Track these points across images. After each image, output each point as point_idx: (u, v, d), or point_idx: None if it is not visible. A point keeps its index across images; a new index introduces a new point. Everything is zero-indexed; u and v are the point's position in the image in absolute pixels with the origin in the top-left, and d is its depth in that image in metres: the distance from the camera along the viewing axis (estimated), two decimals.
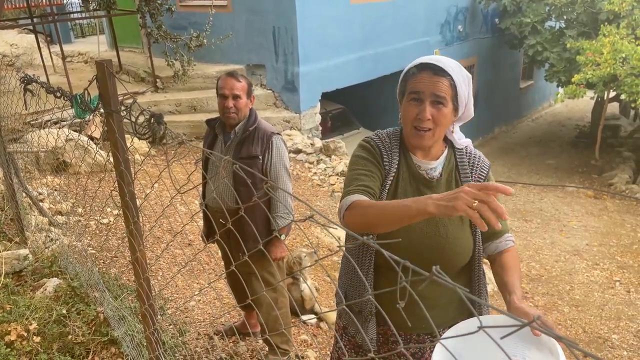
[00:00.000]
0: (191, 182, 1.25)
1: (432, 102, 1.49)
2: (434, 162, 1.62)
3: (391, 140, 1.68)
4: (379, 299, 1.58)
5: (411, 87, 1.53)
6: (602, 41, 9.18)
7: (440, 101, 1.49)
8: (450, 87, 1.49)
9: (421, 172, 1.63)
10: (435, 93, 1.48)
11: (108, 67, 1.45)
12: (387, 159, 1.64)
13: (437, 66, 1.49)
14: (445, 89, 1.48)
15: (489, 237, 1.61)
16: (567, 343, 0.45)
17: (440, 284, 0.60)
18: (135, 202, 1.63)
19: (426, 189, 1.61)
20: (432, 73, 1.49)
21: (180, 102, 8.22)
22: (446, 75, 1.48)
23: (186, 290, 3.89)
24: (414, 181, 1.63)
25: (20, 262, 3.38)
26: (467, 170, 1.62)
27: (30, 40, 10.15)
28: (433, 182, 1.61)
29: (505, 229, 1.62)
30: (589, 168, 11.14)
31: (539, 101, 16.46)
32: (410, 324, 1.09)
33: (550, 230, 7.61)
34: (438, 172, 1.63)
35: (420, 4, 10.32)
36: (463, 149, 1.65)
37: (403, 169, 1.64)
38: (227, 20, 8.66)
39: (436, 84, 1.48)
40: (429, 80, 1.49)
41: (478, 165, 1.64)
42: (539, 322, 0.47)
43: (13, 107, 3.74)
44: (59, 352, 2.55)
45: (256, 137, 2.61)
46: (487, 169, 1.65)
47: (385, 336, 1.74)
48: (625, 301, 5.44)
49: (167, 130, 1.29)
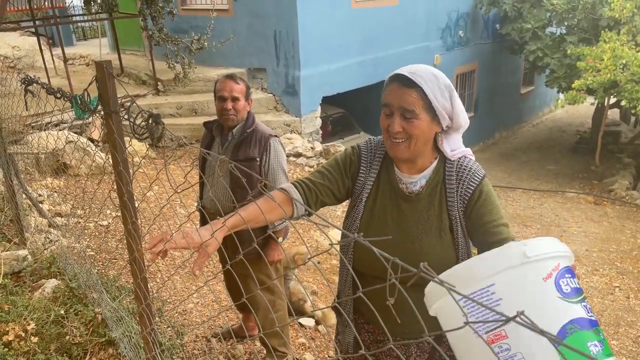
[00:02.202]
0: (188, 181, 1.26)
1: (402, 114, 1.46)
2: (416, 176, 1.58)
3: (377, 151, 1.66)
4: (362, 302, 1.62)
5: (383, 98, 1.51)
6: (603, 47, 9.21)
7: (409, 114, 1.45)
8: (419, 98, 1.44)
9: (401, 185, 1.60)
10: (403, 106, 1.45)
11: (107, 68, 1.47)
12: (364, 172, 1.64)
13: (406, 77, 1.45)
14: (413, 100, 1.44)
15: (493, 243, 1.48)
16: (550, 340, 0.45)
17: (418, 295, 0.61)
18: (133, 202, 1.64)
19: (405, 204, 1.59)
20: (401, 85, 1.46)
21: (181, 105, 8.25)
22: (415, 87, 1.44)
23: (184, 292, 3.90)
24: (393, 195, 1.60)
25: (19, 262, 3.39)
26: (453, 185, 1.55)
27: (32, 42, 10.19)
28: (412, 197, 1.58)
29: (505, 238, 1.50)
30: (589, 174, 11.14)
31: (540, 107, 16.48)
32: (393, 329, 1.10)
33: (550, 236, 7.61)
34: (419, 186, 1.58)
35: (421, 9, 10.36)
36: (455, 161, 1.58)
37: (383, 182, 1.62)
38: (229, 23, 8.70)
39: (403, 97, 1.45)
40: (397, 93, 1.46)
41: (466, 179, 1.55)
42: (522, 317, 0.48)
43: (14, 109, 3.76)
44: (56, 352, 2.55)
45: (254, 140, 2.61)
46: (477, 182, 1.54)
47: (374, 335, 1.75)
48: (624, 307, 5.43)
49: (164, 130, 1.30)
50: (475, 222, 1.53)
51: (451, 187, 1.55)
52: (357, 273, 1.69)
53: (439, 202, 1.56)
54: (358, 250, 1.62)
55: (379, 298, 1.15)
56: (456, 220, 1.54)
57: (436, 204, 1.56)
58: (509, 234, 1.51)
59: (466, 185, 1.54)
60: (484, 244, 1.53)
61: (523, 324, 0.47)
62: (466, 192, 1.54)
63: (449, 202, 1.55)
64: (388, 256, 0.66)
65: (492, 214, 1.52)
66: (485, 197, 1.53)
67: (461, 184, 1.55)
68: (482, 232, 1.52)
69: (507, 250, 1.08)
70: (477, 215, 1.52)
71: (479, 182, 1.54)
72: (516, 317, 0.48)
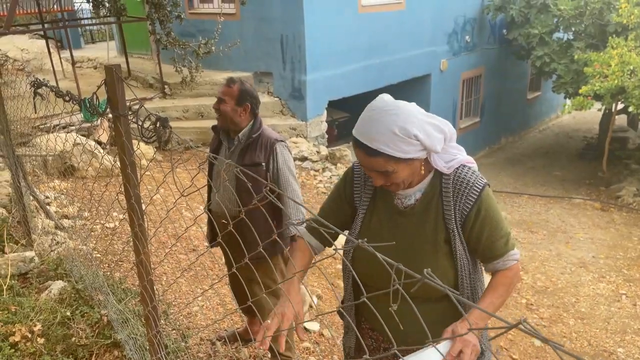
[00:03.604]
0: (195, 185, 1.27)
1: (379, 173, 1.48)
2: (411, 190, 1.58)
3: None
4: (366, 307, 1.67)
5: (355, 155, 1.53)
6: (610, 53, 9.17)
7: (386, 173, 1.47)
8: (387, 160, 1.43)
9: (396, 201, 1.60)
10: (376, 169, 1.47)
11: (117, 71, 1.48)
12: (358, 194, 1.67)
13: (367, 147, 1.43)
14: (382, 164, 1.45)
15: (491, 258, 1.56)
16: (552, 346, 0.46)
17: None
18: (140, 205, 1.66)
19: (400, 218, 1.59)
20: (365, 153, 1.45)
21: (187, 108, 8.29)
22: (378, 155, 1.43)
23: (190, 295, 3.91)
24: (388, 210, 1.62)
25: (26, 264, 3.41)
26: (449, 198, 1.53)
27: (41, 45, 10.26)
28: (407, 211, 1.58)
29: (504, 252, 1.55)
30: (596, 180, 11.09)
31: (546, 112, 16.42)
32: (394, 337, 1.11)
33: (556, 242, 7.58)
34: (414, 200, 1.58)
35: (427, 13, 10.37)
36: (451, 173, 1.55)
37: (380, 198, 1.64)
38: (236, 28, 8.74)
39: (372, 163, 1.46)
40: (366, 160, 1.47)
41: (464, 192, 1.52)
42: (525, 324, 0.48)
43: (22, 112, 3.79)
44: (62, 354, 2.56)
45: (259, 144, 2.62)
46: (477, 194, 1.51)
47: (377, 342, 1.76)
48: (631, 315, 5.39)
49: (172, 134, 1.31)
50: (476, 238, 1.55)
51: (448, 201, 1.54)
52: (358, 285, 1.71)
53: (435, 216, 1.55)
54: (357, 264, 1.65)
55: (380, 308, 1.17)
56: (454, 232, 1.54)
57: (432, 217, 1.56)
58: (507, 247, 1.55)
59: (464, 199, 1.52)
60: (482, 258, 1.60)
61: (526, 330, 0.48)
62: (464, 206, 1.53)
63: (446, 215, 1.54)
64: (392, 262, 0.67)
65: (492, 229, 1.54)
66: (485, 214, 1.52)
67: (460, 198, 1.53)
68: (482, 248, 1.56)
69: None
70: (478, 232, 1.54)
71: (478, 196, 1.52)
72: (519, 324, 0.48)
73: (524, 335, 4.65)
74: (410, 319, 1.20)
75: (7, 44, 10.25)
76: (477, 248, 1.57)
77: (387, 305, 1.26)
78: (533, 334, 0.48)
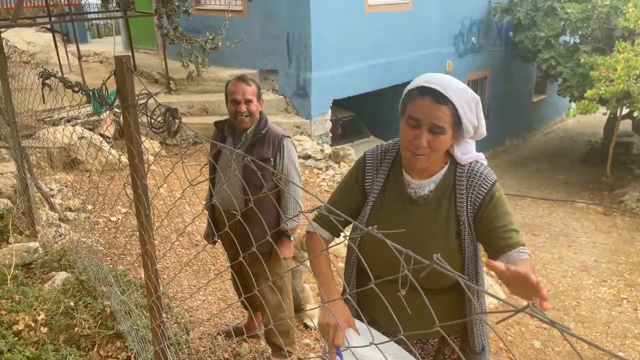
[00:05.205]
0: (203, 175, 1.28)
1: (430, 130, 1.44)
2: (425, 181, 1.57)
3: (385, 156, 1.67)
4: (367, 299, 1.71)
5: (410, 110, 1.47)
6: (617, 57, 9.15)
7: (439, 130, 1.43)
8: (451, 115, 1.42)
9: (409, 190, 1.60)
10: (434, 122, 1.43)
11: (127, 62, 1.49)
12: (370, 181, 1.66)
13: (439, 93, 1.41)
14: (445, 118, 1.42)
15: (504, 247, 1.48)
16: (559, 328, 0.47)
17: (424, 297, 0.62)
18: (147, 195, 1.67)
19: (412, 208, 1.58)
20: (433, 100, 1.42)
21: (192, 104, 8.30)
22: (447, 103, 1.41)
23: (192, 290, 3.92)
24: (400, 199, 1.61)
25: (30, 254, 3.43)
26: (463, 190, 1.54)
27: (48, 38, 10.29)
28: (420, 201, 1.58)
29: (516, 242, 1.48)
30: (599, 184, 11.07)
31: (551, 115, 16.39)
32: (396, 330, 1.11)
33: (558, 245, 7.57)
34: (427, 191, 1.58)
35: (434, 15, 10.36)
36: (465, 166, 1.56)
37: (391, 187, 1.63)
38: (242, 25, 8.75)
39: (436, 113, 1.42)
40: (429, 108, 1.42)
41: (477, 184, 1.53)
42: (533, 307, 0.49)
43: (28, 104, 3.81)
44: (65, 343, 2.58)
45: (267, 140, 2.63)
46: (488, 188, 1.53)
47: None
48: (632, 319, 5.39)
49: (181, 124, 1.33)
50: (486, 226, 1.53)
51: (461, 192, 1.54)
52: (361, 275, 1.72)
53: (448, 207, 1.56)
54: (363, 252, 1.63)
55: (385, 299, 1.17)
56: (464, 225, 1.54)
57: (444, 208, 1.56)
58: (518, 239, 1.50)
59: (477, 190, 1.54)
60: (494, 247, 1.52)
61: (533, 313, 0.49)
62: (477, 197, 1.53)
63: (458, 207, 1.55)
64: (401, 248, 0.68)
65: (502, 219, 1.52)
66: (497, 202, 1.53)
67: (472, 189, 1.54)
68: (491, 236, 1.52)
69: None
70: (487, 219, 1.52)
71: (490, 187, 1.53)
72: (527, 308, 0.49)
73: (524, 337, 4.65)
74: (415, 310, 1.21)
75: (14, 36, 10.27)
76: (488, 235, 1.51)
77: (392, 296, 1.27)
78: (540, 318, 0.49)
